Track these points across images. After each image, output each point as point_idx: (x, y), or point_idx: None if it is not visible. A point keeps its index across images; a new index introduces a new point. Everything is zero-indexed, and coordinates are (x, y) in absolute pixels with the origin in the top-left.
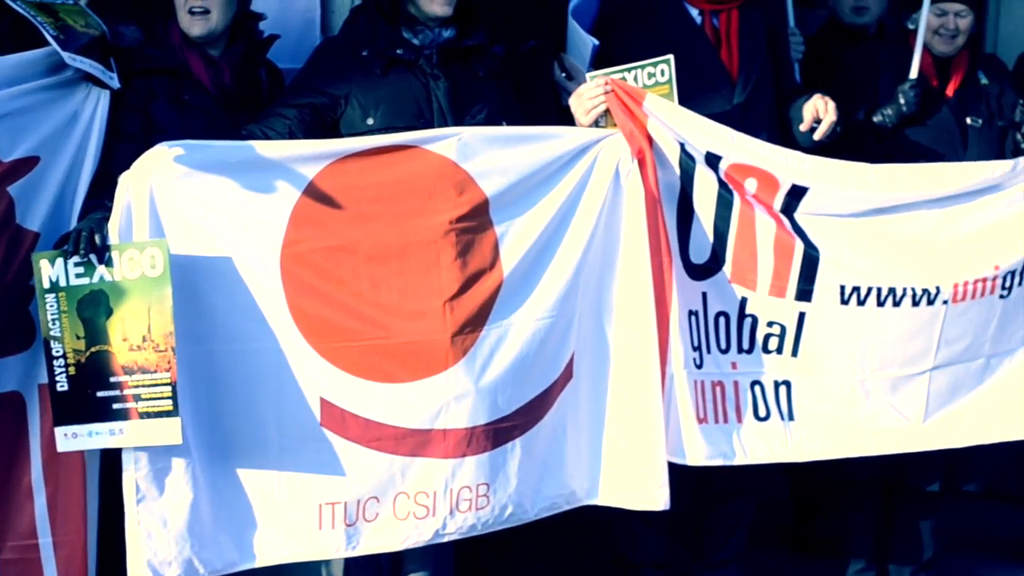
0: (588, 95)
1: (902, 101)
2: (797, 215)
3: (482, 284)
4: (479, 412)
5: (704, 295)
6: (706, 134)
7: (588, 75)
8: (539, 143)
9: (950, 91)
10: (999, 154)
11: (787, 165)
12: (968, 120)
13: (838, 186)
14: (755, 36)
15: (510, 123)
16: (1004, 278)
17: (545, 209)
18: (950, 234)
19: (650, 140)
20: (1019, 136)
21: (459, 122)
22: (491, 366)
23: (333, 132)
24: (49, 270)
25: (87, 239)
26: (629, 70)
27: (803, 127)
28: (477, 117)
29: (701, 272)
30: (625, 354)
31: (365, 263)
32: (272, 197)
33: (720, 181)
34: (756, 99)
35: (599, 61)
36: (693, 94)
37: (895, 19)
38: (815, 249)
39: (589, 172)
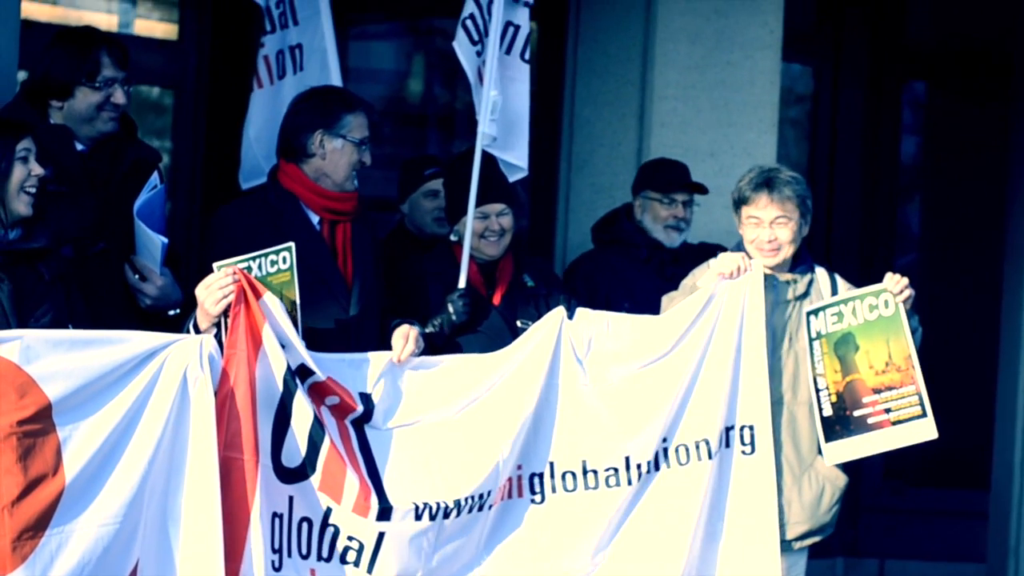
0: (218, 284)
1: (451, 310)
2: (367, 430)
3: (43, 489)
4: None
5: (291, 499)
6: (302, 347)
7: (215, 265)
8: (105, 347)
9: (497, 297)
10: None
11: (359, 377)
12: (519, 323)
13: (402, 398)
14: (366, 248)
15: (76, 326)
16: (531, 482)
17: (111, 413)
18: (495, 435)
19: (260, 340)
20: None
21: (23, 325)
22: (51, 574)
23: None
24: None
25: None
26: (253, 259)
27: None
28: (42, 320)
29: (291, 476)
30: (191, 563)
31: None
32: None
33: (308, 393)
34: (369, 310)
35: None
36: (313, 298)
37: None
38: (386, 471)
39: (156, 377)
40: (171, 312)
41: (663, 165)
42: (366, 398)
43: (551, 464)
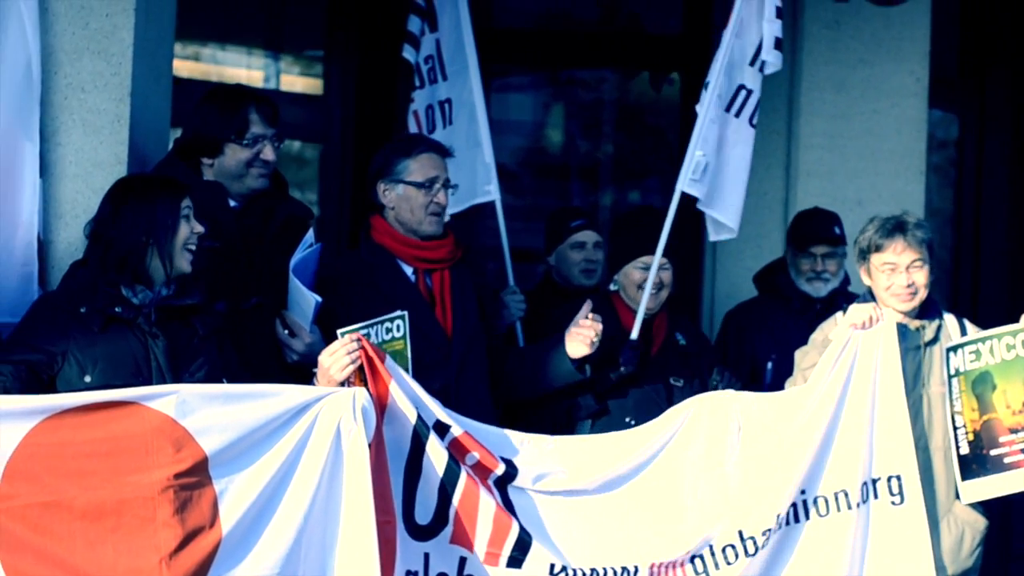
0: (344, 351)
1: (621, 360)
2: (510, 489)
3: (200, 541)
4: None
5: (427, 556)
6: (435, 404)
7: (339, 332)
8: (260, 400)
9: (653, 350)
10: None
11: (505, 444)
12: (671, 380)
13: (544, 467)
14: (466, 295)
15: (230, 380)
16: (694, 560)
17: (266, 467)
18: (644, 512)
19: (388, 399)
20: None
21: (178, 380)
22: None
23: (49, 389)
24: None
25: None
26: (371, 326)
27: None
28: (196, 375)
29: (424, 533)
30: None
31: (80, 519)
32: None
33: (448, 450)
34: (472, 356)
35: (322, 317)
36: (413, 350)
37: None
38: (527, 530)
39: (310, 430)
40: (315, 369)
41: (805, 218)
42: (508, 461)
43: (710, 546)
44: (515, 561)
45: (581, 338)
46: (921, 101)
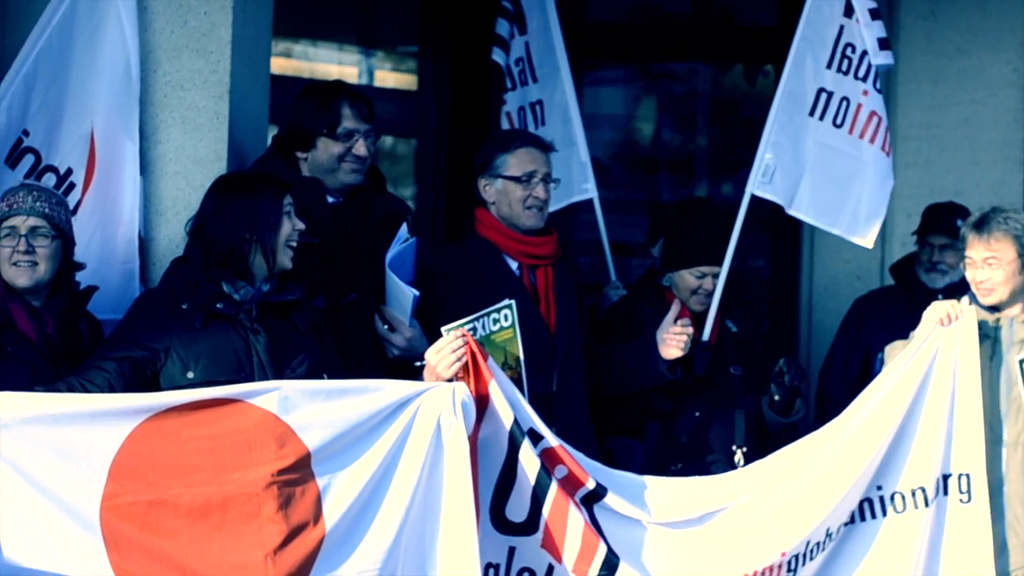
0: (450, 348)
1: (695, 363)
2: (596, 508)
3: (305, 537)
4: None
5: (512, 549)
6: (531, 411)
7: (443, 329)
8: (361, 396)
9: (711, 342)
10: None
11: (595, 468)
12: (731, 369)
13: (634, 494)
14: (568, 293)
15: (331, 376)
16: (789, 562)
17: (368, 462)
18: (735, 527)
19: (487, 398)
20: (773, 389)
21: (279, 375)
22: None
23: (153, 385)
24: None
25: None
26: (477, 319)
27: None
28: (297, 370)
29: (513, 528)
30: None
31: (185, 516)
32: (91, 450)
33: (540, 458)
34: (573, 353)
35: (423, 310)
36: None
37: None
38: (615, 551)
39: (410, 425)
40: (417, 363)
41: (932, 208)
42: (598, 482)
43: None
44: None
45: (675, 342)
46: (1019, 91)
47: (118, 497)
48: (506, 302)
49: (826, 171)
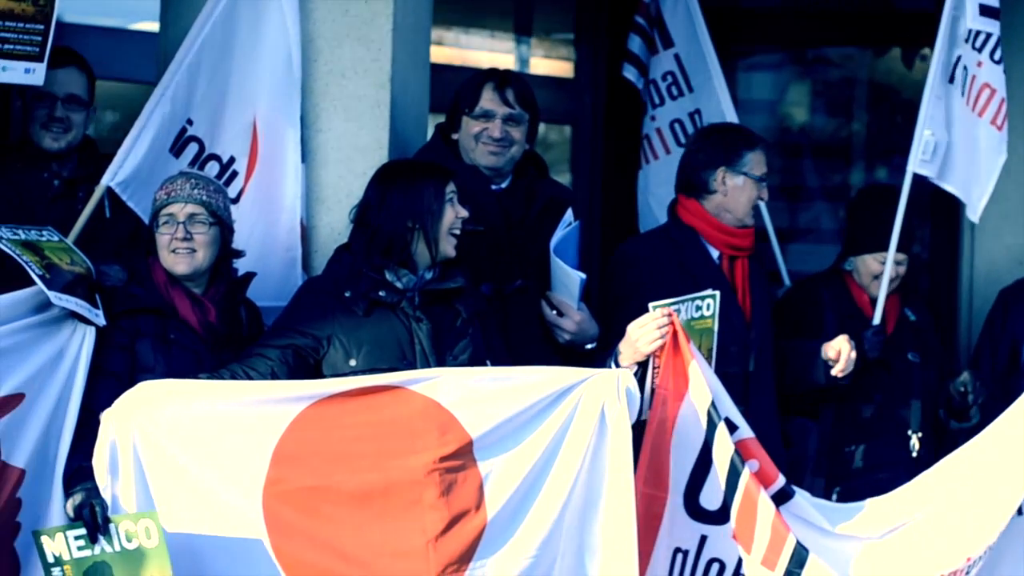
0: (655, 324)
1: (866, 347)
2: (782, 509)
3: (466, 524)
4: None
5: (703, 537)
6: (728, 400)
7: (650, 306)
8: (523, 383)
9: (889, 329)
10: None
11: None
12: (909, 356)
13: (819, 505)
14: (761, 284)
15: (494, 363)
16: (968, 570)
17: (530, 450)
18: (926, 535)
19: (687, 379)
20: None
21: (442, 363)
22: None
23: (315, 373)
24: (51, 545)
25: (89, 513)
26: (682, 302)
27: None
28: (460, 358)
29: (707, 516)
30: None
31: (348, 502)
32: (254, 437)
33: (734, 447)
34: (766, 342)
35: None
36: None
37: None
38: (804, 546)
39: (573, 412)
40: (588, 346)
41: None
42: (788, 482)
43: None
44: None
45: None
46: None
47: (281, 483)
48: (711, 292)
49: (962, 142)
